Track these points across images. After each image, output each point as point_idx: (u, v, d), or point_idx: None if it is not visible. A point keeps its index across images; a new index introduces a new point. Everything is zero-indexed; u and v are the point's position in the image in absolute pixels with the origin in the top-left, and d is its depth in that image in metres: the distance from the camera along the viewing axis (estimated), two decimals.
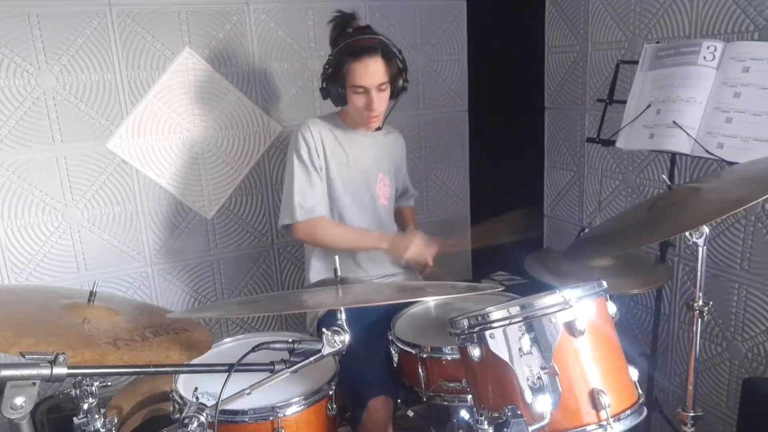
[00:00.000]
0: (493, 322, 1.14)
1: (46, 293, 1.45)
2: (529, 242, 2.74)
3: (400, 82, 1.89)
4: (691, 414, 1.49)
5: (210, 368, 1.15)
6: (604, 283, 1.22)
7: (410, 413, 1.83)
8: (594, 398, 1.10)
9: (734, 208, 1.26)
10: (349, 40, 1.81)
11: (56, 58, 2.11)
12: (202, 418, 1.05)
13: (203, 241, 2.46)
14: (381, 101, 1.86)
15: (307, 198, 1.89)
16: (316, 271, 2.01)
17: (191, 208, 2.42)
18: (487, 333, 1.14)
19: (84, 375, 1.24)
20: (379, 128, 2.02)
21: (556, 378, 1.10)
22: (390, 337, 1.65)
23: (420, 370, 1.55)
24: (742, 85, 1.59)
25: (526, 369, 1.11)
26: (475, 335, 1.16)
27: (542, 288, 1.21)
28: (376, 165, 2.02)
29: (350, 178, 1.96)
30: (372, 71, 1.79)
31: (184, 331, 1.37)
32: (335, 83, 1.84)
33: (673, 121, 1.67)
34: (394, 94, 1.91)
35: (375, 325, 1.72)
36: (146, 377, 1.91)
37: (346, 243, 1.94)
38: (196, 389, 1.31)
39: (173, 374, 1.48)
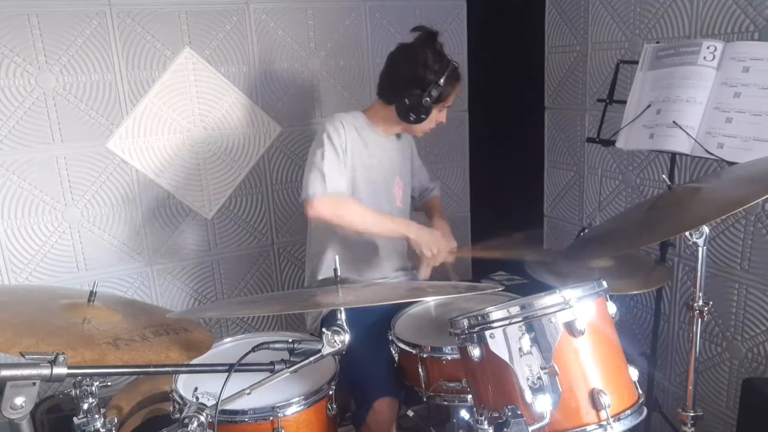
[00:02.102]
0: (493, 322, 1.14)
1: (46, 293, 1.45)
2: (529, 242, 2.75)
3: None
4: (691, 414, 1.49)
5: (210, 368, 1.15)
6: (604, 283, 1.22)
7: (410, 413, 1.84)
8: (594, 398, 1.10)
9: (734, 208, 1.26)
10: (451, 64, 1.88)
11: (56, 58, 2.11)
12: (202, 418, 1.05)
13: (203, 241, 2.46)
14: None
15: (335, 177, 1.81)
16: (328, 268, 1.95)
17: (191, 208, 2.41)
18: (487, 333, 1.14)
19: (84, 375, 1.24)
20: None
21: (556, 378, 1.10)
22: (390, 337, 1.65)
23: (420, 370, 1.55)
24: (742, 85, 1.59)
25: (526, 369, 1.11)
26: (475, 335, 1.16)
27: (542, 288, 1.21)
28: (394, 168, 2.03)
29: (372, 180, 1.95)
30: None
31: (184, 331, 1.37)
32: (431, 99, 1.84)
33: (673, 121, 1.67)
34: None
35: (376, 325, 1.72)
36: (146, 377, 1.91)
37: (371, 224, 1.87)
38: (196, 389, 1.31)
39: (173, 374, 1.48)
